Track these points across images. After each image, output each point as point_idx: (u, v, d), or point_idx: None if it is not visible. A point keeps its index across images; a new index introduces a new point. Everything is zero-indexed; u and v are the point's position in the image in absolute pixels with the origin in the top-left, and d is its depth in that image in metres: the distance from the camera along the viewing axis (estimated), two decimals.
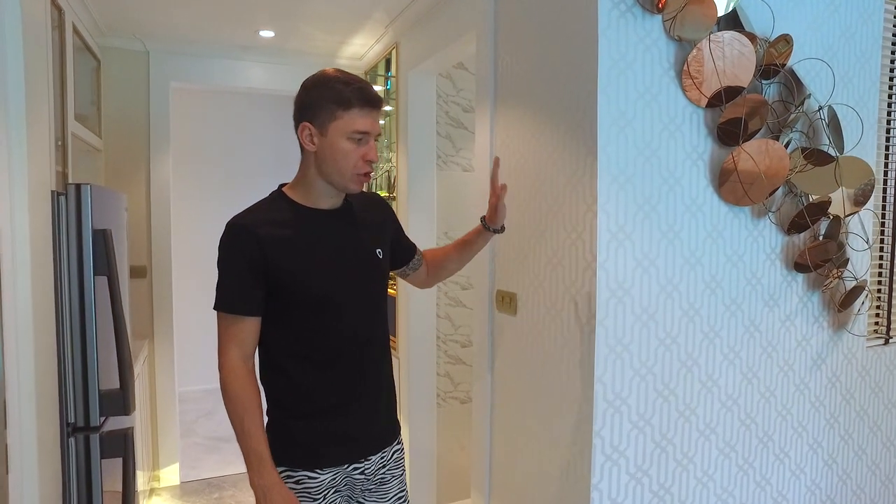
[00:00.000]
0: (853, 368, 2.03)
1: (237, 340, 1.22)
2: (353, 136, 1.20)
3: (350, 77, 1.21)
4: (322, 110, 1.20)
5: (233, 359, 1.22)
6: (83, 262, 1.30)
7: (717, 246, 1.66)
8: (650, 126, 1.52)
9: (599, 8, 1.42)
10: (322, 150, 1.22)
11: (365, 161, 1.22)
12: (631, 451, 1.56)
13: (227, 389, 1.21)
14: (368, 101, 1.20)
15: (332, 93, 1.19)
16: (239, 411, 1.20)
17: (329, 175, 1.24)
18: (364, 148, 1.22)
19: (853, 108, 1.85)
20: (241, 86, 3.05)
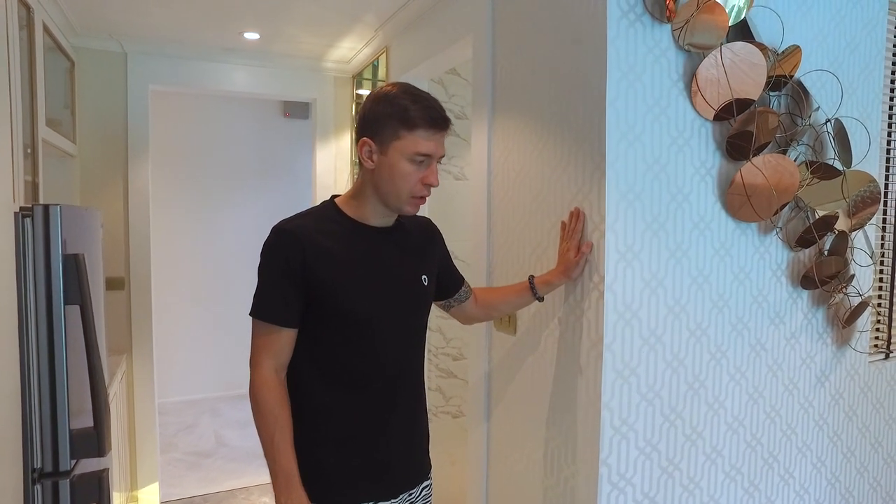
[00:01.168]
0: (856, 385, 1.99)
1: (272, 351, 1.17)
2: (414, 158, 1.14)
3: (419, 94, 1.16)
4: (385, 127, 1.14)
5: (266, 370, 1.16)
6: (52, 290, 1.17)
7: (725, 264, 1.61)
8: (659, 140, 1.45)
9: (609, 16, 1.35)
10: (380, 169, 1.17)
11: (424, 184, 1.17)
12: (638, 479, 1.50)
13: (258, 401, 1.16)
14: (435, 122, 1.14)
15: (398, 110, 1.13)
16: (270, 425, 1.14)
17: (385, 194, 1.19)
18: (425, 171, 1.17)
19: (860, 121, 1.81)
20: (223, 89, 2.94)
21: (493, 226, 1.84)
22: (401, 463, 1.27)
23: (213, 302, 4.72)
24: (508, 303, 1.53)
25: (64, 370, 1.20)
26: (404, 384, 1.27)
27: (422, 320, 1.33)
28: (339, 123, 3.22)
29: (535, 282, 1.48)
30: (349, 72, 3.15)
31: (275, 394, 1.16)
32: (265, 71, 2.98)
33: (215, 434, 3.92)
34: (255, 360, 1.17)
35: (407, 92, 1.15)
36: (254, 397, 1.16)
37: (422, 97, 1.15)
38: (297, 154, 4.95)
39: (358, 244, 1.21)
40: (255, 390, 1.16)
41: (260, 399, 1.15)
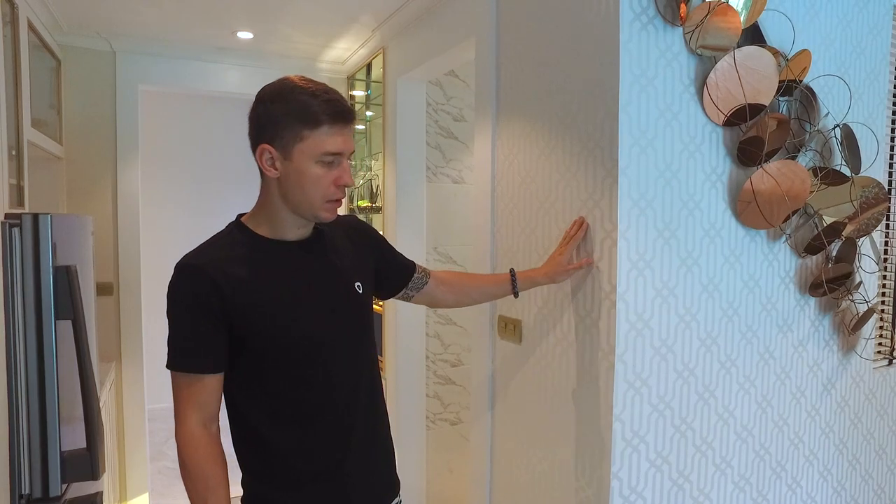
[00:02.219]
0: (861, 392, 1.98)
1: (196, 403, 1.02)
2: (323, 159, 1.00)
3: (316, 86, 1.01)
4: (285, 130, 0.99)
5: (192, 426, 1.02)
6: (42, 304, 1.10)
7: (735, 272, 1.58)
8: (671, 146, 1.42)
9: (621, 19, 1.31)
10: (286, 177, 1.02)
11: (337, 186, 1.04)
12: (649, 492, 1.47)
13: (185, 463, 1.02)
14: (340, 115, 1.00)
15: (297, 107, 0.98)
16: (200, 490, 1.01)
17: (296, 204, 1.05)
18: (336, 171, 1.03)
19: (868, 127, 1.80)
20: (215, 89, 2.87)
21: (497, 231, 1.80)
22: (366, 490, 1.16)
23: None
24: (484, 291, 1.47)
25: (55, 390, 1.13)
26: (358, 403, 1.14)
27: (363, 331, 1.19)
28: None
29: (517, 277, 1.43)
30: (344, 73, 3.09)
31: (203, 452, 1.02)
32: (258, 71, 2.92)
33: None
34: (179, 418, 1.03)
35: (301, 86, 1.00)
36: (181, 459, 1.03)
37: (321, 89, 1.00)
38: None
39: (276, 264, 1.07)
40: (181, 451, 1.03)
41: (187, 461, 1.02)
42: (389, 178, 2.60)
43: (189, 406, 1.02)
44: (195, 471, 1.02)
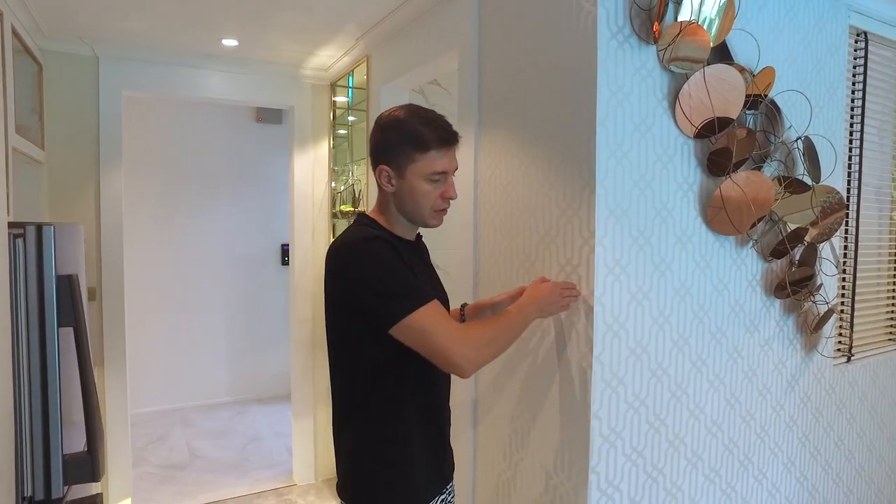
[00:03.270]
0: (822, 387, 2.10)
1: (448, 318, 1.16)
2: (431, 178, 1.20)
3: (427, 115, 1.21)
4: (399, 153, 1.19)
5: (462, 326, 1.17)
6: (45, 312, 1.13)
7: (705, 276, 1.67)
8: (645, 157, 1.50)
9: (599, 38, 1.39)
10: (401, 191, 1.22)
11: (443, 199, 1.23)
12: (625, 485, 1.54)
13: (492, 335, 1.18)
14: (446, 141, 1.19)
15: (410, 135, 1.18)
16: (501, 325, 1.21)
17: (409, 213, 1.25)
18: (444, 186, 1.23)
19: (827, 139, 1.91)
20: (199, 95, 2.88)
21: (479, 238, 1.87)
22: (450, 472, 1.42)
23: (186, 309, 4.62)
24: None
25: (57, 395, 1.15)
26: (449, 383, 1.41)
27: None
28: (317, 131, 3.20)
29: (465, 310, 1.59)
30: (327, 79, 3.13)
31: (477, 324, 1.20)
32: (242, 77, 2.94)
33: (188, 445, 3.83)
34: (454, 339, 1.12)
35: (415, 115, 1.20)
36: (485, 352, 1.16)
37: (429, 118, 1.20)
38: (270, 159, 4.88)
39: (410, 256, 1.26)
40: (478, 354, 1.14)
41: (480, 334, 1.16)
42: (373, 183, 2.65)
43: (450, 321, 1.14)
44: (491, 336, 1.18)
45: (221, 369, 4.75)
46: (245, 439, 3.97)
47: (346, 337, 1.22)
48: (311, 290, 3.27)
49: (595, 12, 1.39)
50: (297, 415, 3.29)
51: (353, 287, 1.14)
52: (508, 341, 1.23)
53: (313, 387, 3.30)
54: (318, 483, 3.30)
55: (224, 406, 4.65)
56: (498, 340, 1.19)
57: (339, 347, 1.25)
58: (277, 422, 4.31)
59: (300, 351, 3.27)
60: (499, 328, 1.20)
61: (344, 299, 1.17)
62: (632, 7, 1.44)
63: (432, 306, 1.12)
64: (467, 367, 1.12)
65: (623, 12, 1.43)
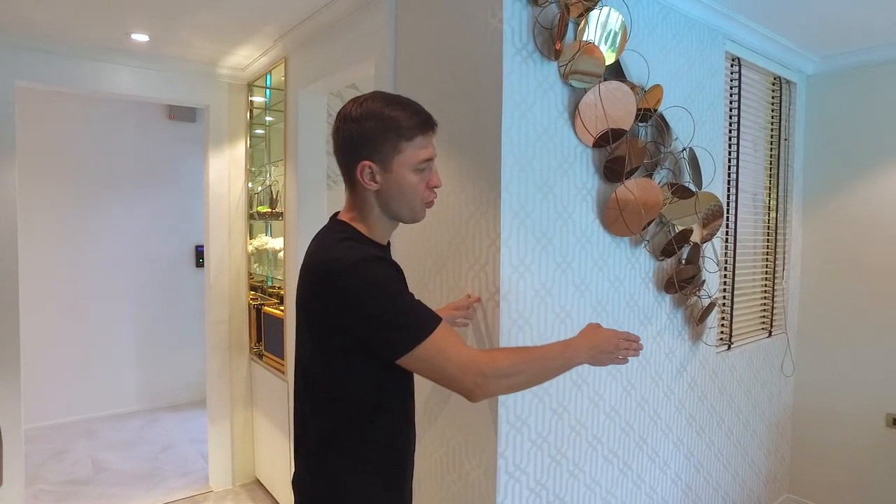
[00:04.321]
0: (706, 373, 2.33)
1: (461, 341, 1.07)
2: (419, 167, 1.10)
3: (401, 99, 1.10)
4: (383, 144, 1.07)
5: (475, 352, 1.06)
6: None
7: (603, 273, 1.82)
8: (547, 164, 1.63)
9: (504, 52, 1.49)
10: (387, 187, 1.10)
11: (430, 188, 1.14)
12: (531, 468, 1.66)
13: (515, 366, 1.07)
14: (428, 125, 1.10)
15: (391, 123, 1.06)
16: (535, 357, 1.10)
17: (396, 211, 1.13)
18: (429, 175, 1.14)
19: (708, 151, 2.13)
20: (106, 91, 2.74)
21: (393, 238, 1.93)
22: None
23: (91, 315, 4.35)
24: None
25: None
26: None
27: None
28: (234, 131, 3.14)
29: None
30: (244, 79, 3.08)
31: (505, 350, 1.13)
32: (154, 74, 2.84)
33: (92, 459, 3.63)
34: (469, 359, 1.03)
35: (391, 101, 1.09)
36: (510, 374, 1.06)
37: (406, 102, 1.10)
38: (183, 158, 4.70)
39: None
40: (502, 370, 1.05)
41: (512, 363, 1.06)
42: (291, 185, 2.65)
43: (460, 343, 1.05)
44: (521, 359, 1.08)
45: (130, 377, 4.52)
46: (157, 448, 3.81)
47: (331, 362, 1.10)
48: (227, 291, 3.20)
49: (501, 29, 1.49)
50: (214, 419, 3.21)
51: (351, 316, 1.02)
52: (539, 377, 1.13)
53: (230, 389, 3.23)
54: (235, 488, 3.23)
55: (134, 415, 4.43)
56: (525, 374, 1.09)
57: (319, 369, 1.13)
58: (192, 428, 4.16)
59: (216, 353, 3.19)
60: (530, 360, 1.10)
61: (336, 323, 1.05)
62: (535, 25, 1.56)
63: (441, 331, 1.04)
64: (478, 392, 1.04)
65: (527, 30, 1.55)
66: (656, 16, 1.94)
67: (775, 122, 2.73)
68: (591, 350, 1.18)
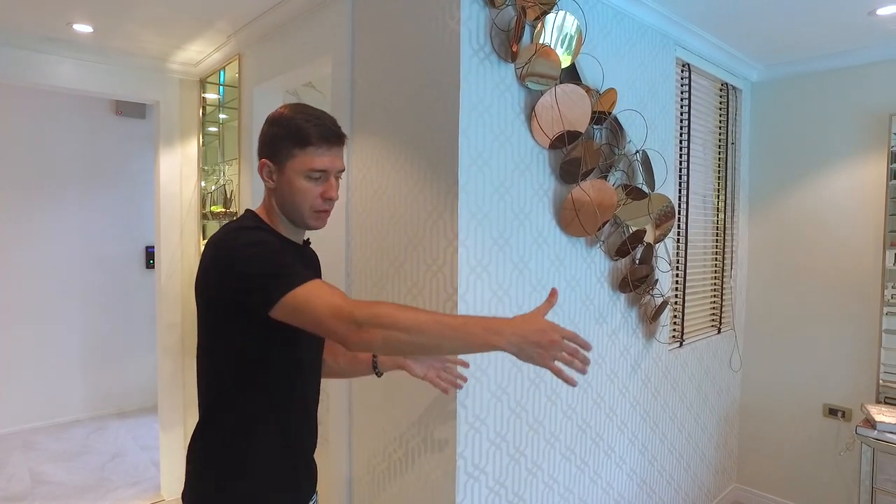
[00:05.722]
0: (659, 369, 2.40)
1: (334, 289, 1.03)
2: (310, 175, 1.15)
3: (313, 112, 1.17)
4: (280, 148, 1.15)
5: (343, 299, 1.01)
6: None
7: (560, 273, 1.85)
8: (504, 165, 1.64)
9: (462, 54, 1.50)
10: (280, 187, 1.18)
11: (324, 199, 1.18)
12: (490, 467, 1.66)
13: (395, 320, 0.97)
14: (327, 138, 1.15)
15: (291, 130, 1.14)
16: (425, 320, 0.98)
17: (289, 212, 1.20)
18: (323, 186, 1.17)
19: (660, 153, 2.19)
20: (46, 83, 2.61)
21: (351, 239, 1.91)
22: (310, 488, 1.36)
23: (29, 319, 4.14)
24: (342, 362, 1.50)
25: None
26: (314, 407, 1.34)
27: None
28: (186, 128, 3.04)
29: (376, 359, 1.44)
30: (196, 75, 2.99)
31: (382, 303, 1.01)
32: (99, 67, 2.72)
33: (31, 472, 3.45)
34: (340, 303, 0.99)
35: (301, 112, 1.17)
36: (382, 316, 0.97)
37: (315, 115, 1.17)
38: (131, 156, 4.53)
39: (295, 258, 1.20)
40: (373, 315, 0.97)
41: (382, 311, 0.97)
42: (245, 184, 2.59)
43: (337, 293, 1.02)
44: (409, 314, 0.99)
45: (75, 383, 4.32)
46: (104, 458, 3.65)
47: (216, 334, 1.16)
48: (180, 292, 3.10)
49: (458, 30, 1.49)
50: (165, 425, 3.10)
51: (227, 278, 1.06)
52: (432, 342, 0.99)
53: (183, 394, 3.13)
54: None
55: (78, 424, 4.24)
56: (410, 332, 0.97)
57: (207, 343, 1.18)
58: (142, 435, 4.01)
59: (168, 357, 3.09)
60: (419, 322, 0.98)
61: (218, 294, 1.10)
62: (492, 28, 1.57)
63: (316, 282, 1.03)
64: (352, 338, 0.98)
65: (484, 32, 1.55)
66: (610, 21, 1.98)
67: (723, 127, 2.83)
68: (515, 337, 0.97)
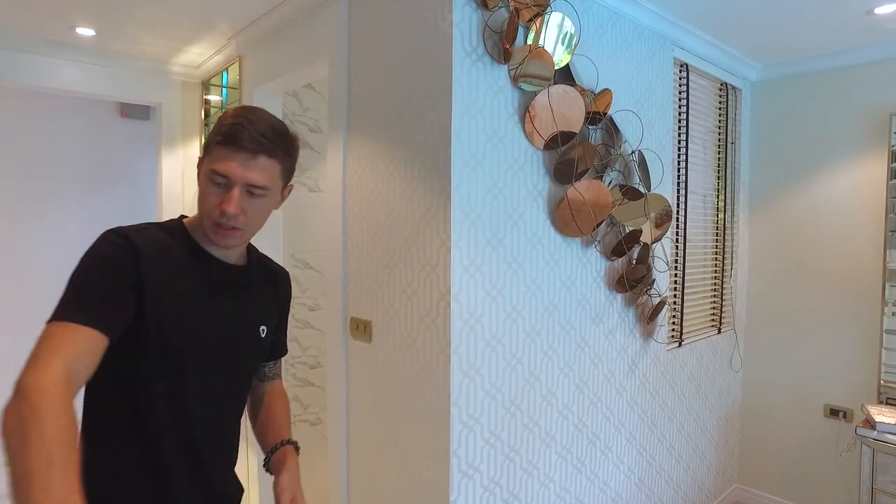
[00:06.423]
0: (657, 369, 2.40)
1: (66, 353, 0.85)
2: (213, 178, 1.00)
3: (244, 115, 1.01)
4: (206, 144, 1.04)
5: (54, 374, 0.82)
6: None
7: (555, 273, 1.86)
8: (497, 166, 1.65)
9: (454, 55, 1.51)
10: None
11: (220, 211, 1.00)
12: (484, 466, 1.67)
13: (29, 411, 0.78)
14: (234, 140, 0.98)
15: (217, 126, 1.01)
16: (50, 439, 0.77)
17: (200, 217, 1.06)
18: (223, 195, 1.00)
19: (656, 153, 2.19)
20: (50, 86, 2.65)
21: (348, 240, 1.93)
22: None
23: (29, 321, 4.18)
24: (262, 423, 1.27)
25: None
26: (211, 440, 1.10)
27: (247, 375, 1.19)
28: (188, 130, 3.07)
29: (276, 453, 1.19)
30: (198, 77, 3.02)
31: (67, 401, 0.81)
32: (102, 70, 2.75)
33: None
34: (38, 365, 0.83)
35: (236, 114, 1.02)
36: (17, 411, 0.78)
37: (249, 118, 1.00)
38: (136, 157, 4.56)
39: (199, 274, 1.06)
40: (27, 400, 0.79)
41: (39, 401, 0.79)
42: None
43: (55, 354, 0.85)
44: (50, 416, 0.78)
45: None
46: None
47: None
48: None
49: (450, 32, 1.51)
50: None
51: None
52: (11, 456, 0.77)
53: None
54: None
55: None
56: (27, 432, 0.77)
57: None
58: None
59: None
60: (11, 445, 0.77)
61: None
62: (485, 29, 1.58)
63: (67, 327, 0.88)
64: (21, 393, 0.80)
65: (477, 33, 1.57)
66: (606, 22, 1.99)
67: (722, 127, 2.82)
68: None
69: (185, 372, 1.03)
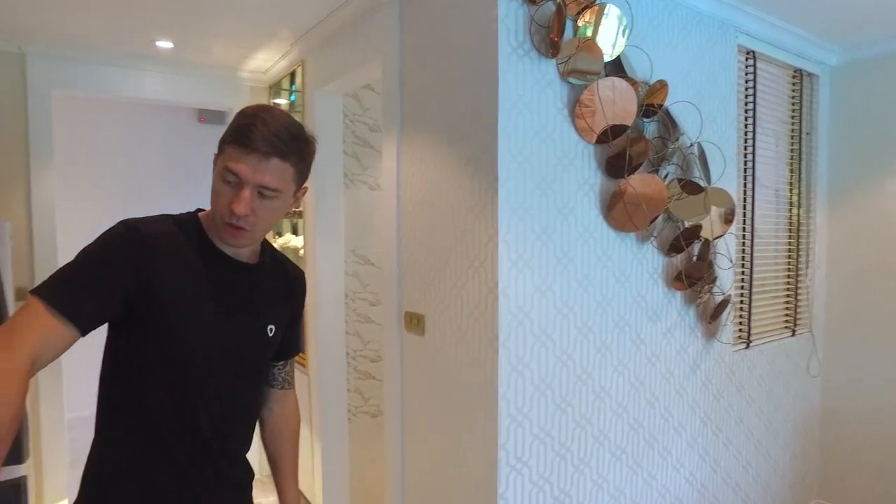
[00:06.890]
0: (722, 371, 2.29)
1: (38, 339, 0.88)
2: (225, 176, 1.00)
3: (263, 115, 1.00)
4: (221, 141, 1.03)
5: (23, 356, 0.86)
6: None
7: (607, 269, 1.82)
8: (546, 161, 1.64)
9: (500, 51, 1.52)
10: None
11: (231, 211, 0.99)
12: (533, 461, 1.67)
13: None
14: (248, 141, 0.97)
15: (232, 123, 1.02)
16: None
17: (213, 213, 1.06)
18: (236, 195, 0.99)
19: (716, 145, 2.10)
20: (135, 96, 2.88)
21: (402, 236, 1.98)
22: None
23: None
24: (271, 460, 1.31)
25: None
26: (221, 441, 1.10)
27: (257, 374, 1.19)
28: None
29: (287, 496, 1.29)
30: (266, 82, 3.18)
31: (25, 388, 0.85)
32: (179, 78, 2.96)
33: None
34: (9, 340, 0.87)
35: (251, 112, 1.01)
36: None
37: (263, 118, 0.99)
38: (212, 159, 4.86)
39: (208, 269, 1.06)
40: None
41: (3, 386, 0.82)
42: (309, 184, 2.72)
43: (29, 336, 0.88)
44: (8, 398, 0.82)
45: None
46: None
47: None
48: None
49: (496, 28, 1.52)
50: None
51: None
52: None
53: None
54: None
55: None
56: None
57: None
58: None
59: None
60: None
61: None
62: (531, 24, 1.58)
63: (42, 306, 0.91)
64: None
65: (523, 29, 1.57)
66: (661, 11, 1.93)
67: (796, 116, 2.66)
68: None
69: (189, 365, 1.04)
